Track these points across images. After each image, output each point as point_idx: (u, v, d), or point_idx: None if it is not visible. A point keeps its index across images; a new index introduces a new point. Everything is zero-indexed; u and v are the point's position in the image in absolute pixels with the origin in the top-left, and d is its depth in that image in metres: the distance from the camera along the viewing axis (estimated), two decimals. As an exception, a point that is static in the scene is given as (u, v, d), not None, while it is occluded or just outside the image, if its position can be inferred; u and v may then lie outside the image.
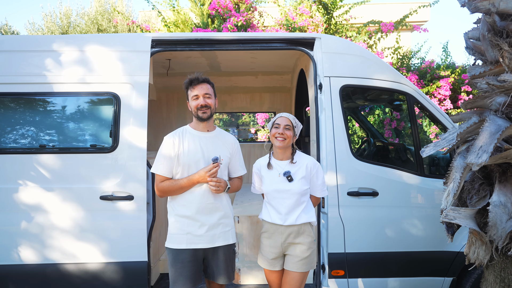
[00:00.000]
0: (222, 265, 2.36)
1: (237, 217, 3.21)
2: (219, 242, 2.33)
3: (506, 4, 1.97)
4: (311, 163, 2.39)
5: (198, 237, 2.28)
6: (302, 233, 2.34)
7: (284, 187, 2.33)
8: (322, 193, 2.45)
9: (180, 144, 2.31)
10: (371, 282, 2.95)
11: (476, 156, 1.90)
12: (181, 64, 4.40)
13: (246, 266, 3.20)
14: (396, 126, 6.18)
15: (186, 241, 2.27)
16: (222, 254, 2.36)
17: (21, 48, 2.89)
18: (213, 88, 2.40)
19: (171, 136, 2.35)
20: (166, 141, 2.34)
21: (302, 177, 2.34)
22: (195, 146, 2.32)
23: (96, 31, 12.69)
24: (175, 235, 2.31)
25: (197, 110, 2.32)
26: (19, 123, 2.89)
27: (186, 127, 2.41)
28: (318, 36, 3.05)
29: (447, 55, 6.99)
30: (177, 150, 2.30)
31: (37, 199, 2.77)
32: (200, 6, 6.90)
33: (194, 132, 2.38)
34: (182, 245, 2.28)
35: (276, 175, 2.37)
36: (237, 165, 2.51)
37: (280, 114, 2.43)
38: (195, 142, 2.33)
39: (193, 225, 2.28)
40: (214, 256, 2.35)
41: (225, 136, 2.47)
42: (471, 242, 2.21)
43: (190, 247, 2.28)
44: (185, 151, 2.30)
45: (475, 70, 2.14)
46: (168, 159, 2.30)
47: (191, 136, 2.35)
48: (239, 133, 14.22)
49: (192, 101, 2.34)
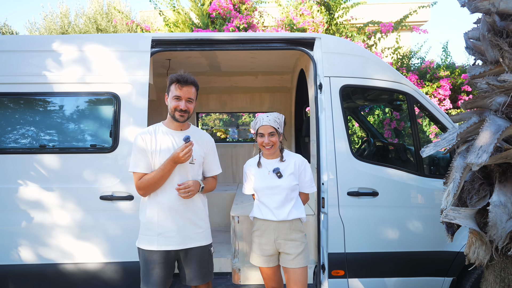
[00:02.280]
0: (194, 266, 2.30)
1: (237, 217, 3.21)
2: (191, 243, 2.27)
3: (506, 4, 1.97)
4: (299, 160, 2.45)
5: (169, 239, 2.22)
6: (293, 229, 2.40)
7: (274, 183, 2.38)
8: (310, 189, 2.49)
9: (152, 142, 2.23)
10: (371, 282, 2.95)
11: (476, 156, 1.90)
12: (181, 64, 4.40)
13: (246, 266, 3.20)
14: (396, 126, 6.19)
15: (157, 242, 2.22)
16: (196, 255, 2.30)
17: (21, 48, 2.89)
18: (197, 91, 2.33)
19: (141, 134, 2.26)
20: (138, 139, 2.24)
21: (291, 173, 2.40)
22: (167, 145, 2.24)
23: (95, 31, 12.69)
24: (145, 236, 2.25)
25: (174, 111, 2.24)
26: (19, 123, 2.89)
27: (159, 125, 2.33)
28: (318, 36, 3.05)
29: (447, 55, 6.99)
30: (149, 148, 2.22)
31: (37, 199, 2.77)
32: (200, 6, 6.90)
33: (167, 130, 2.30)
34: (153, 246, 2.22)
35: (266, 173, 2.43)
36: (212, 164, 2.44)
37: (261, 120, 2.40)
38: (167, 140, 2.26)
39: (164, 227, 2.22)
40: (186, 257, 2.29)
41: (200, 134, 2.41)
42: (471, 242, 2.20)
43: (161, 249, 2.22)
44: (157, 149, 2.23)
45: (475, 70, 2.14)
46: (144, 156, 2.23)
47: (163, 135, 2.27)
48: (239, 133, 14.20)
49: (173, 100, 2.24)
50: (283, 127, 2.48)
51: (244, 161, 2.62)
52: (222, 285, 3.20)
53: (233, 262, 3.25)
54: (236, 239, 3.21)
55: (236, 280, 3.21)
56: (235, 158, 5.67)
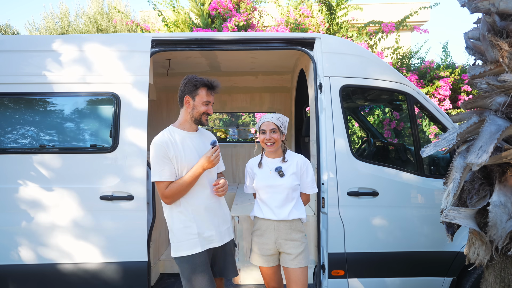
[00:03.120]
0: (230, 259, 2.40)
1: (237, 217, 3.21)
2: (226, 238, 2.37)
3: (506, 4, 1.97)
4: (301, 160, 2.46)
5: (210, 237, 2.28)
6: (294, 229, 2.41)
7: (276, 182, 2.39)
8: (311, 189, 2.50)
9: (175, 146, 2.21)
10: (371, 282, 2.95)
11: (476, 156, 1.90)
12: (181, 64, 4.40)
13: (246, 266, 3.20)
14: (396, 126, 6.19)
15: (201, 243, 2.24)
16: (229, 249, 2.41)
17: (21, 48, 2.89)
18: None
19: (161, 140, 2.21)
20: (158, 147, 2.19)
21: (293, 173, 2.41)
22: (189, 147, 2.27)
23: (95, 31, 12.69)
24: (186, 241, 2.23)
25: (202, 115, 2.29)
26: (19, 123, 2.89)
27: (171, 128, 2.31)
28: (318, 36, 3.05)
29: (447, 55, 6.99)
30: (173, 153, 2.20)
31: (37, 199, 2.77)
32: (200, 6, 6.90)
33: (182, 132, 2.30)
34: (198, 249, 2.23)
35: (268, 172, 2.44)
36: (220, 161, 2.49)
37: (264, 118, 2.44)
38: (187, 142, 2.28)
39: (202, 227, 2.25)
40: (222, 252, 2.37)
41: (207, 134, 2.47)
42: (471, 242, 2.20)
43: (205, 248, 2.25)
44: (182, 154, 2.22)
45: (475, 70, 2.14)
46: (168, 163, 2.19)
47: (181, 138, 2.27)
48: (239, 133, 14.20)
49: (203, 105, 2.28)
50: (286, 130, 2.48)
51: (244, 161, 2.63)
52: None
53: (233, 262, 3.25)
54: (236, 239, 3.21)
55: (236, 280, 3.21)
56: (235, 158, 5.67)
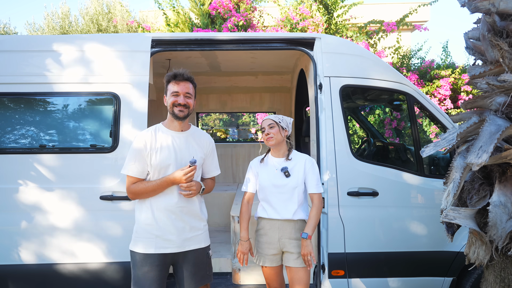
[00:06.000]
0: (192, 269, 2.23)
1: (237, 217, 3.21)
2: (190, 246, 2.22)
3: (506, 4, 1.96)
4: (307, 160, 2.46)
5: (168, 242, 2.16)
6: (298, 229, 2.40)
7: (282, 182, 2.39)
8: (316, 189, 2.46)
9: (153, 143, 2.17)
10: (371, 282, 2.95)
11: (476, 156, 1.90)
12: (181, 64, 4.40)
13: (246, 266, 3.20)
14: (396, 126, 6.19)
15: (155, 245, 2.15)
16: (193, 258, 2.24)
17: (21, 48, 2.89)
18: (195, 88, 2.29)
19: (141, 135, 2.19)
20: (138, 139, 2.18)
21: (299, 173, 2.41)
22: (167, 147, 2.19)
23: (96, 31, 12.69)
24: (143, 239, 2.17)
25: (173, 106, 2.18)
26: (19, 123, 2.89)
27: (159, 126, 2.26)
28: (318, 36, 3.05)
29: (447, 55, 6.99)
30: (149, 150, 2.15)
31: (37, 199, 2.77)
32: (200, 6, 6.91)
33: (167, 131, 2.23)
34: (151, 250, 2.14)
35: (273, 171, 2.43)
36: (212, 165, 2.42)
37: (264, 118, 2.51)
38: (167, 142, 2.20)
39: (162, 229, 2.16)
40: (184, 260, 2.23)
41: (200, 136, 2.35)
42: (471, 242, 2.20)
43: (159, 252, 2.15)
44: (157, 151, 2.16)
45: (475, 70, 2.14)
46: (139, 159, 2.16)
47: (163, 136, 2.21)
48: (239, 133, 14.22)
49: (171, 96, 2.18)
50: (288, 128, 2.49)
51: (244, 161, 2.63)
52: (222, 285, 3.20)
53: (233, 262, 3.25)
54: (236, 239, 3.21)
55: (236, 280, 3.21)
56: (235, 158, 5.67)
